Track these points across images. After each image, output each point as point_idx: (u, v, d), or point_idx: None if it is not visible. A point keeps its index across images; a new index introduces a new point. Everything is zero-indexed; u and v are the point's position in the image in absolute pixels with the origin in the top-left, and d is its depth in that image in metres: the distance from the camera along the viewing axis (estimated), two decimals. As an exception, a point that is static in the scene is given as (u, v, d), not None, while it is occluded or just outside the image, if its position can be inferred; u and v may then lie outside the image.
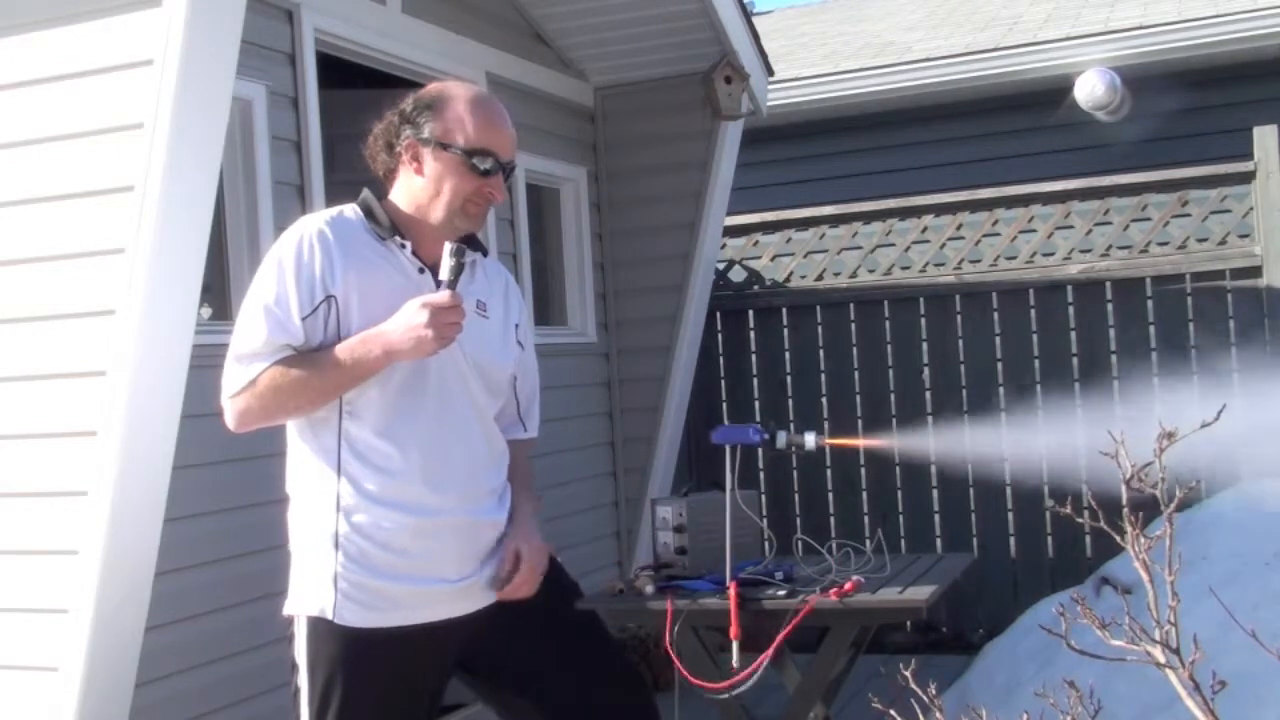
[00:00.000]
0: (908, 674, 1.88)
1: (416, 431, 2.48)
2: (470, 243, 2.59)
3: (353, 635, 2.46)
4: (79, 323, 3.19)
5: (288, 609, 2.54)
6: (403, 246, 2.52)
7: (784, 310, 6.65)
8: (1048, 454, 6.13)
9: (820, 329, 6.56)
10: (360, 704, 2.47)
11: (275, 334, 2.42)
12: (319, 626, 2.48)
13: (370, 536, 2.46)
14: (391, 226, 2.52)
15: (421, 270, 2.52)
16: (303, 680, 2.49)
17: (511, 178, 2.59)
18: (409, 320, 2.37)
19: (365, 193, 2.58)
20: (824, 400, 6.55)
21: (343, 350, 2.41)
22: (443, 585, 2.51)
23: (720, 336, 6.67)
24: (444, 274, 2.43)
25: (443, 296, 2.39)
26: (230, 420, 2.50)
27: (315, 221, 2.50)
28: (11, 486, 3.26)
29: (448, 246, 2.44)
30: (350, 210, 2.55)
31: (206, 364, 3.31)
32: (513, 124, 2.60)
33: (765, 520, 3.87)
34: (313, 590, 2.49)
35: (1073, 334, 6.17)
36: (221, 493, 3.64)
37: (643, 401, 5.91)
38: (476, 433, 2.57)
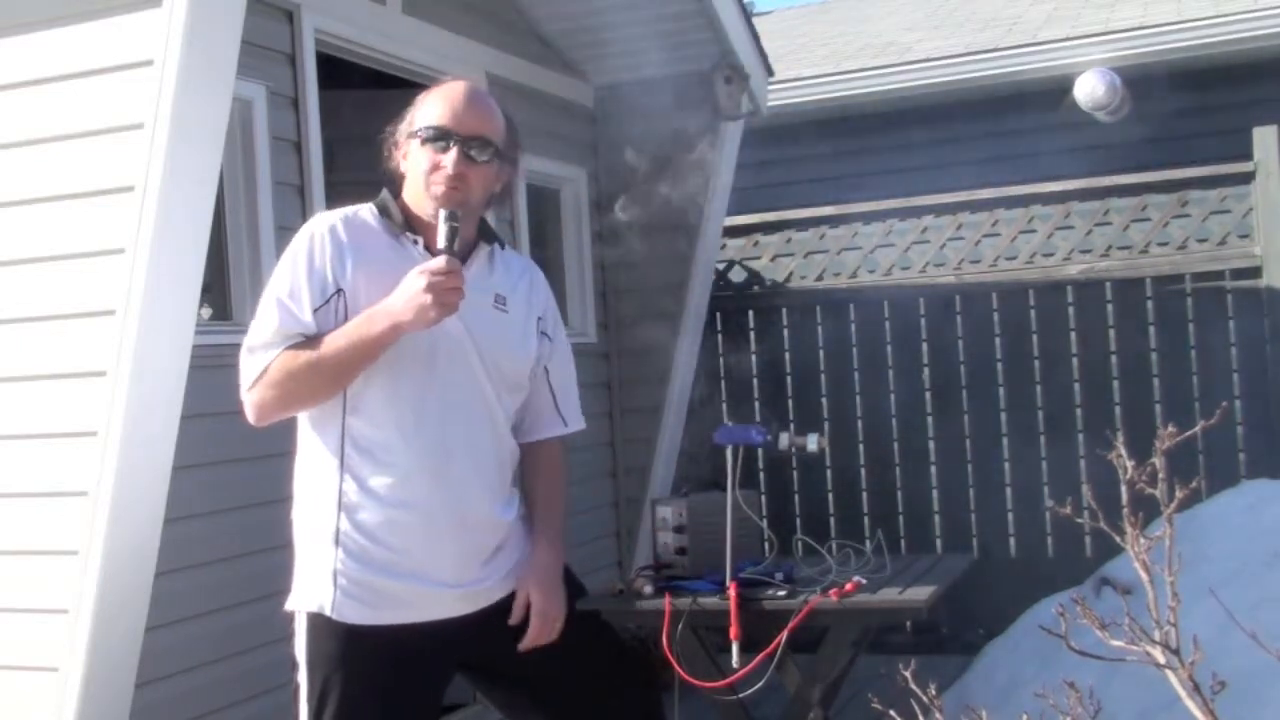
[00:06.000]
0: (908, 674, 1.88)
1: (421, 427, 2.48)
2: (485, 233, 2.63)
3: (352, 632, 2.47)
4: (79, 323, 3.18)
5: (288, 605, 2.55)
6: (415, 242, 2.53)
7: (784, 310, 6.65)
8: (1048, 454, 6.14)
9: (820, 329, 6.56)
10: (358, 701, 2.46)
11: (287, 324, 2.44)
12: (318, 623, 2.48)
13: (371, 534, 2.46)
14: (404, 222, 2.54)
15: None
16: (302, 677, 2.50)
17: (484, 156, 2.51)
18: (409, 289, 2.38)
19: (383, 191, 2.60)
20: (824, 400, 6.55)
21: (349, 328, 2.42)
22: (444, 588, 2.52)
23: (720, 336, 6.67)
24: (440, 241, 2.44)
25: (439, 262, 2.39)
26: (250, 413, 2.50)
27: (328, 218, 2.53)
28: (11, 486, 3.26)
29: (441, 213, 2.45)
30: (366, 209, 2.57)
31: (206, 364, 3.31)
32: (505, 118, 2.58)
33: (765, 520, 3.86)
34: (313, 586, 2.49)
35: (1072, 334, 6.17)
36: (221, 493, 3.64)
37: (643, 401, 5.91)
38: (485, 431, 2.57)
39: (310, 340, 2.44)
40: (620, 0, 5.33)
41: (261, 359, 2.45)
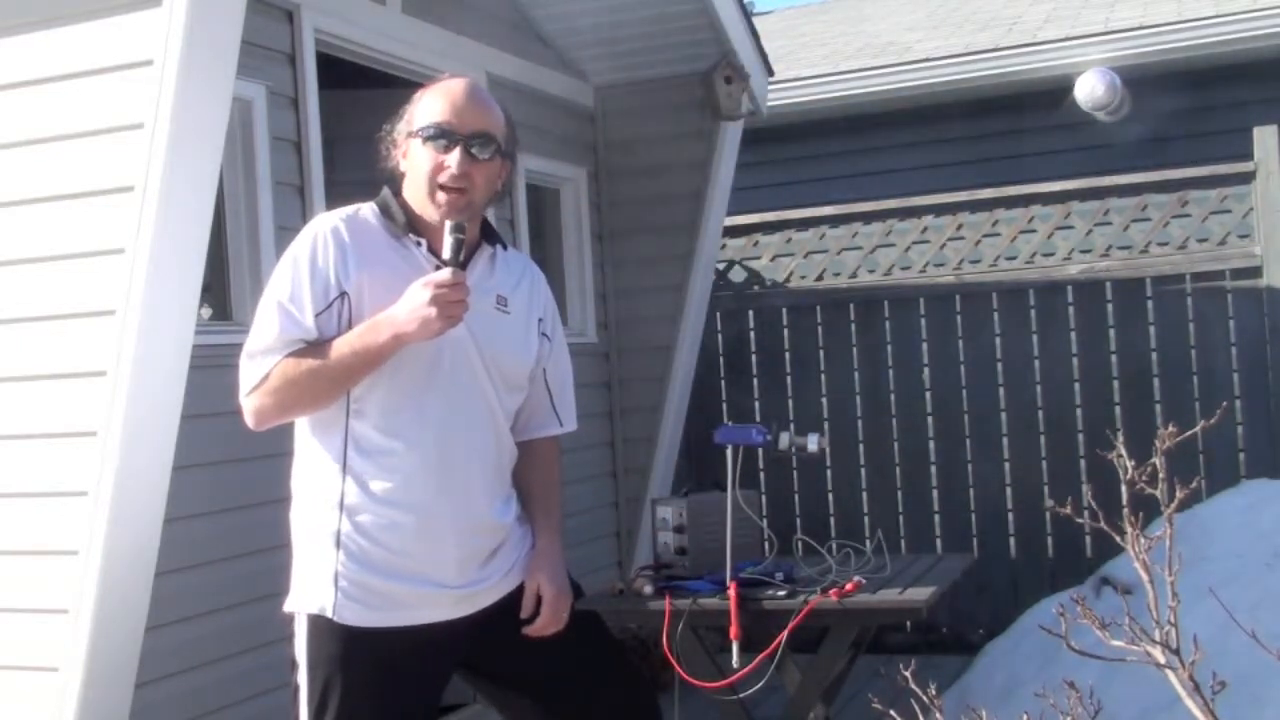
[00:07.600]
0: (908, 674, 1.88)
1: (424, 430, 2.47)
2: (487, 233, 2.61)
3: (352, 634, 2.46)
4: (79, 323, 3.18)
5: (288, 606, 2.54)
6: (418, 244, 2.52)
7: (784, 310, 6.64)
8: (1048, 454, 6.14)
9: (820, 329, 6.56)
10: (358, 703, 2.46)
11: (288, 329, 2.42)
12: (319, 624, 2.48)
13: (372, 535, 2.46)
14: (407, 223, 2.53)
15: (438, 267, 2.51)
16: (302, 678, 2.50)
17: (487, 154, 2.49)
18: (413, 301, 2.36)
19: (385, 190, 2.58)
20: (824, 400, 6.55)
21: (351, 336, 2.41)
22: (444, 590, 2.51)
23: (720, 336, 6.67)
24: (445, 252, 2.43)
25: (444, 274, 2.37)
26: (248, 418, 2.49)
27: (330, 219, 2.50)
28: (11, 486, 3.26)
29: (447, 224, 2.44)
30: (367, 208, 2.55)
31: (206, 364, 3.32)
32: (503, 113, 2.57)
33: (765, 520, 3.86)
34: (313, 588, 2.49)
35: (1072, 334, 6.17)
36: (221, 493, 3.64)
37: (643, 401, 5.90)
38: (487, 433, 2.56)
39: (312, 346, 2.43)
40: (620, 0, 5.33)
41: (262, 365, 2.44)
